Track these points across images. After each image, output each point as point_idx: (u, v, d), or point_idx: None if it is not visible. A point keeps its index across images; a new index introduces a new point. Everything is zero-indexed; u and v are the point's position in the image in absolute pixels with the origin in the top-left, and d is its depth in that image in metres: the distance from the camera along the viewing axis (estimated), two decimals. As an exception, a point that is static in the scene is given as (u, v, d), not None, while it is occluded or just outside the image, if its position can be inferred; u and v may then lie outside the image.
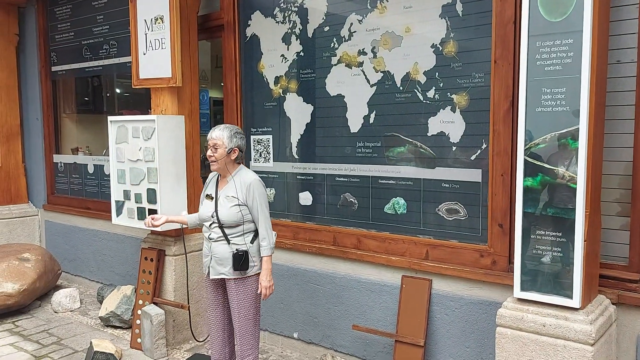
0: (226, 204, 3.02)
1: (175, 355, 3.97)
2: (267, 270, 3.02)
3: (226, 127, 3.08)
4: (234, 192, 3.03)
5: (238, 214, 3.00)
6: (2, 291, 4.63)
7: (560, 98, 2.39)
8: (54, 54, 5.92)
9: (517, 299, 2.53)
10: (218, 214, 3.02)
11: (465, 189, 3.21)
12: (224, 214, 3.01)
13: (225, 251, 3.01)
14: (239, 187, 3.03)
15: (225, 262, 3.01)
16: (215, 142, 3.03)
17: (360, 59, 3.59)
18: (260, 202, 3.02)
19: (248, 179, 3.04)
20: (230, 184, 3.06)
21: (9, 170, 5.99)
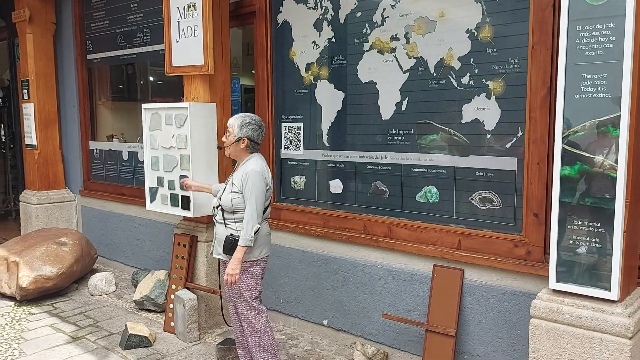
0: (228, 189, 3.16)
1: (207, 340, 4.03)
2: (236, 259, 3.03)
3: (240, 116, 3.16)
4: (236, 180, 3.14)
5: (235, 201, 3.10)
6: (41, 274, 4.77)
7: (601, 84, 2.30)
8: (90, 42, 6.02)
9: (552, 290, 2.47)
10: (220, 198, 3.19)
11: (499, 177, 3.14)
12: (224, 199, 3.16)
13: (222, 234, 3.17)
14: (240, 176, 3.12)
15: (221, 244, 3.16)
16: (228, 128, 3.17)
17: (393, 44, 3.53)
18: (251, 192, 3.04)
19: (248, 168, 3.10)
20: (239, 171, 3.16)
21: (47, 157, 6.15)
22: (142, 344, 3.88)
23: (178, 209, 4.11)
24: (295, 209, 4.15)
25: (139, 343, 3.88)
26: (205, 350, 3.84)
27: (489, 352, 3.16)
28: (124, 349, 3.84)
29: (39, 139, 6.04)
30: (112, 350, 3.85)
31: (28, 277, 4.70)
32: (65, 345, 3.95)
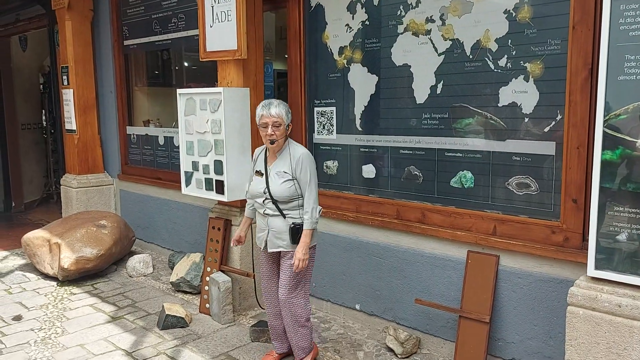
0: (277, 179, 3.07)
1: (241, 321, 4.10)
2: (304, 244, 3.06)
3: (280, 103, 3.10)
4: (285, 167, 3.07)
5: (291, 189, 3.05)
6: (81, 255, 4.92)
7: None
8: (126, 28, 6.10)
9: (590, 278, 2.41)
10: (270, 190, 3.08)
11: (537, 162, 3.07)
12: (276, 190, 3.06)
13: (282, 225, 3.09)
14: (289, 162, 3.07)
15: (284, 236, 3.10)
16: (276, 120, 3.04)
17: (428, 26, 3.47)
18: (310, 175, 3.07)
19: (298, 152, 3.08)
20: (281, 159, 3.10)
21: (86, 141, 6.30)
22: (178, 325, 3.97)
23: (212, 193, 4.17)
24: (328, 193, 4.15)
25: (176, 323, 3.97)
26: (239, 332, 3.90)
27: (523, 340, 3.12)
28: (161, 329, 3.94)
29: (78, 124, 6.19)
30: (150, 330, 3.95)
31: (69, 259, 4.86)
32: (105, 324, 4.07)
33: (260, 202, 3.14)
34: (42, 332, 3.93)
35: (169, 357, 3.54)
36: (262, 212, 3.16)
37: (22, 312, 4.33)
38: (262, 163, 3.19)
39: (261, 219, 3.20)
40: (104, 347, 3.69)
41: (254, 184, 3.20)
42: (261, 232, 3.21)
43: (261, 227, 3.21)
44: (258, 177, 3.19)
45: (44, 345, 3.73)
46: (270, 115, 3.04)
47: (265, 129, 3.06)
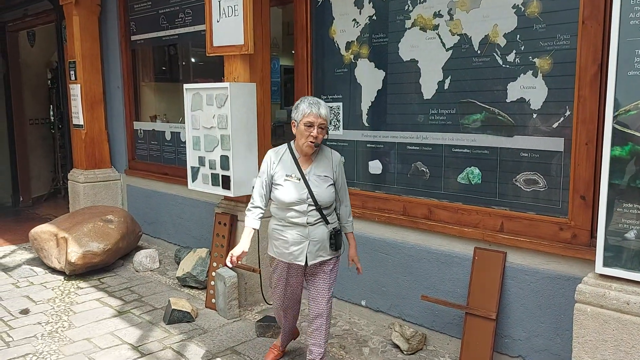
0: (321, 184, 2.83)
1: (247, 316, 4.10)
2: (356, 246, 3.09)
3: (323, 103, 2.85)
4: (327, 171, 2.87)
5: (333, 194, 2.89)
6: (88, 250, 4.94)
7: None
8: (133, 23, 6.11)
9: (598, 275, 2.39)
10: (315, 195, 2.81)
11: (545, 158, 3.05)
12: (322, 195, 2.83)
13: (324, 233, 2.87)
14: (330, 165, 2.89)
15: (325, 244, 2.88)
16: (323, 121, 2.78)
17: (436, 21, 3.45)
18: (344, 177, 2.98)
19: (336, 155, 2.94)
20: (319, 162, 2.87)
21: (94, 136, 6.31)
22: (184, 319, 3.98)
23: (219, 189, 4.17)
24: (335, 189, 4.13)
25: (182, 318, 3.98)
26: (245, 327, 3.91)
27: (530, 337, 3.10)
28: (168, 324, 3.95)
29: (85, 119, 6.21)
30: (156, 324, 3.96)
31: (76, 253, 4.88)
32: (111, 318, 4.09)
33: (301, 211, 2.82)
34: (49, 326, 3.95)
35: (174, 351, 3.55)
36: (302, 221, 2.83)
37: (30, 305, 4.36)
38: (292, 167, 2.87)
39: (296, 230, 2.85)
40: (111, 341, 3.70)
41: (287, 191, 2.83)
42: (296, 246, 2.86)
43: (296, 240, 2.85)
44: (292, 182, 2.83)
45: (51, 338, 3.75)
46: (320, 116, 2.77)
47: (309, 129, 2.76)
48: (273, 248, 2.98)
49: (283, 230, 2.89)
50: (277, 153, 2.95)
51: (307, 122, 2.77)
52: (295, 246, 2.86)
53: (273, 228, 2.96)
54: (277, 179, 2.88)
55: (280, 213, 2.89)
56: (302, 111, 2.79)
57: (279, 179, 2.87)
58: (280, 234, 2.90)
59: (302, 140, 2.81)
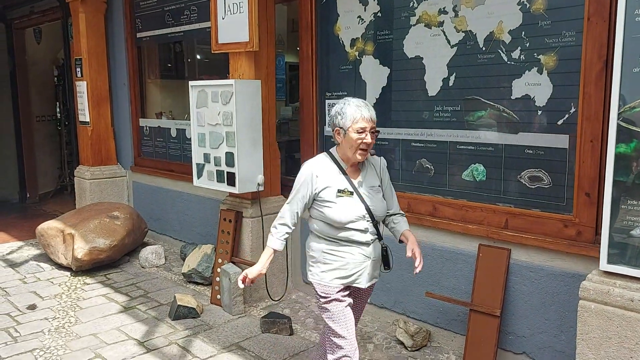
0: (374, 195, 2.55)
1: (252, 313, 4.12)
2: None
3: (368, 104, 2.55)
4: (376, 181, 2.61)
5: (385, 204, 2.62)
6: (94, 246, 4.97)
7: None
8: (139, 20, 6.13)
9: (602, 272, 2.39)
10: (372, 210, 2.51)
11: (550, 155, 3.04)
12: (378, 209, 2.55)
13: (379, 250, 2.58)
14: (376, 172, 2.63)
15: (379, 263, 2.61)
16: (373, 125, 2.48)
17: (441, 18, 3.44)
18: (390, 181, 2.71)
19: (377, 159, 2.68)
20: (366, 171, 2.59)
21: (100, 133, 6.34)
22: (190, 315, 4.00)
23: (224, 185, 4.18)
24: (339, 186, 4.14)
25: (187, 314, 4.00)
26: (250, 323, 3.93)
27: (534, 334, 3.10)
28: (173, 320, 3.97)
29: (91, 116, 6.23)
30: (162, 320, 3.99)
31: (83, 249, 4.91)
32: (117, 314, 4.12)
33: (362, 229, 2.49)
34: (56, 321, 3.98)
35: (180, 347, 3.57)
36: (363, 239, 2.50)
37: (37, 301, 4.39)
38: (342, 180, 2.51)
39: (357, 249, 2.51)
40: (117, 336, 3.73)
41: (342, 209, 2.46)
42: (358, 267, 2.51)
43: (357, 260, 2.51)
44: (346, 198, 2.48)
45: (57, 334, 3.78)
46: (371, 119, 2.46)
47: (361, 135, 2.43)
48: (324, 273, 2.53)
49: (338, 250, 2.51)
50: (320, 165, 2.55)
51: (360, 128, 2.43)
52: (357, 267, 2.51)
53: (323, 250, 2.53)
54: (325, 196, 2.48)
55: (332, 232, 2.50)
56: (351, 116, 2.43)
57: (328, 195, 2.48)
58: (335, 254, 2.51)
59: (352, 149, 2.46)
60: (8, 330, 3.84)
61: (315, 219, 2.57)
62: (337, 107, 2.52)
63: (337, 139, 2.53)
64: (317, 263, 2.56)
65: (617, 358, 2.30)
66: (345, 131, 2.46)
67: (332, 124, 2.53)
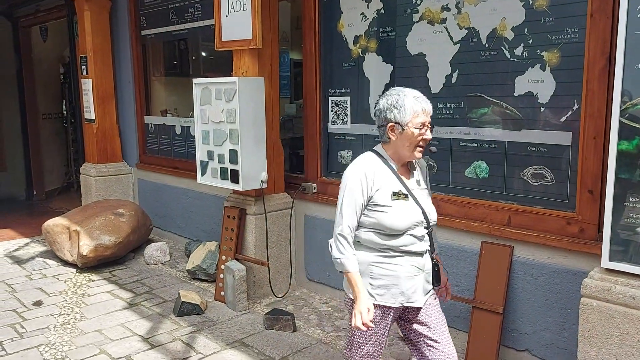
0: (426, 198, 2.32)
1: (255, 309, 4.14)
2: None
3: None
4: (424, 182, 2.38)
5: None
6: (100, 243, 5.00)
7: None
8: (143, 18, 6.14)
9: (604, 269, 2.39)
10: (428, 215, 2.27)
11: (553, 152, 3.03)
12: (433, 213, 2.30)
13: (430, 262, 2.30)
14: (422, 174, 2.39)
15: (430, 277, 2.32)
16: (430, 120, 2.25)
17: (444, 15, 3.43)
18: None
19: (424, 161, 2.47)
20: (416, 171, 2.35)
21: (105, 131, 6.37)
22: (194, 312, 4.02)
23: (227, 182, 4.20)
24: (342, 183, 4.15)
25: (191, 310, 4.02)
26: (253, 319, 3.94)
27: (537, 331, 3.10)
28: (177, 316, 3.99)
29: (97, 113, 6.27)
30: (166, 316, 4.01)
31: (88, 246, 4.94)
32: (122, 310, 4.14)
33: (419, 236, 2.23)
34: (62, 318, 4.02)
35: (184, 343, 3.59)
36: (420, 249, 2.24)
37: (43, 297, 4.43)
38: (395, 181, 2.24)
39: (410, 260, 2.23)
40: (121, 332, 3.76)
41: (399, 213, 2.19)
42: (410, 281, 2.23)
43: (410, 273, 2.23)
44: (401, 202, 2.21)
45: (63, 330, 3.81)
46: (430, 112, 2.23)
47: (421, 131, 2.19)
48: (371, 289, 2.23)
49: (388, 263, 2.21)
50: (371, 165, 2.24)
51: (420, 123, 2.18)
52: (409, 281, 2.23)
53: (371, 262, 2.23)
54: (380, 199, 2.20)
55: (385, 241, 2.21)
56: (411, 110, 2.17)
57: (382, 198, 2.20)
58: (384, 268, 2.21)
59: (410, 147, 2.21)
60: (14, 326, 3.88)
61: (364, 227, 2.24)
62: (390, 99, 2.22)
63: (389, 136, 2.23)
64: (363, 277, 2.22)
65: (619, 355, 2.30)
66: (403, 127, 2.18)
67: (384, 119, 2.23)
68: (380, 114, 2.26)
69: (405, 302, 2.25)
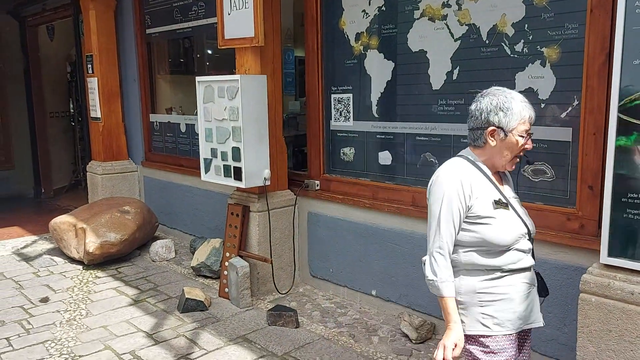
0: (521, 208, 2.09)
1: (259, 305, 4.17)
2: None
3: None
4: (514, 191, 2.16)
5: None
6: (105, 240, 5.05)
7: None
8: (148, 16, 6.18)
9: (603, 265, 2.39)
10: (528, 225, 2.04)
11: (553, 148, 3.03)
12: (532, 225, 2.08)
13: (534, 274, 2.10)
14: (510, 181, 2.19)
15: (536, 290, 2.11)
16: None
17: (445, 11, 3.44)
18: None
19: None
20: (507, 179, 2.16)
21: (111, 129, 6.42)
22: (198, 308, 4.06)
23: (231, 180, 4.22)
24: (345, 180, 4.17)
25: (195, 307, 4.06)
26: (256, 316, 3.97)
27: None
28: (181, 312, 4.03)
29: (102, 112, 6.31)
30: (171, 313, 4.05)
31: (94, 243, 4.99)
32: (127, 307, 4.19)
33: (526, 249, 2.01)
34: (68, 314, 4.07)
35: (187, 339, 3.63)
36: (527, 265, 2.02)
37: (49, 294, 4.48)
38: (493, 190, 1.99)
39: (520, 278, 2.00)
40: (126, 328, 3.80)
41: (505, 225, 1.94)
42: (525, 301, 2.00)
43: (524, 292, 2.00)
44: (503, 212, 1.96)
45: (68, 326, 3.86)
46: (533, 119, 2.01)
47: (524, 140, 1.97)
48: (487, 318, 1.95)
49: (498, 286, 1.95)
50: (465, 172, 1.99)
51: (525, 131, 1.96)
52: (525, 301, 2.00)
53: (477, 289, 1.96)
54: (480, 210, 1.94)
55: (488, 261, 1.94)
56: (519, 115, 1.93)
57: (483, 208, 1.94)
58: (494, 292, 1.95)
59: (508, 156, 1.98)
60: (21, 322, 3.93)
61: (463, 247, 1.96)
62: (495, 100, 1.96)
63: (488, 140, 1.98)
64: (472, 308, 1.95)
65: (618, 351, 2.30)
66: (506, 133, 1.94)
67: (485, 121, 1.97)
68: (480, 115, 1.98)
69: (524, 325, 2.01)
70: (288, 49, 6.78)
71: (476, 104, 2.03)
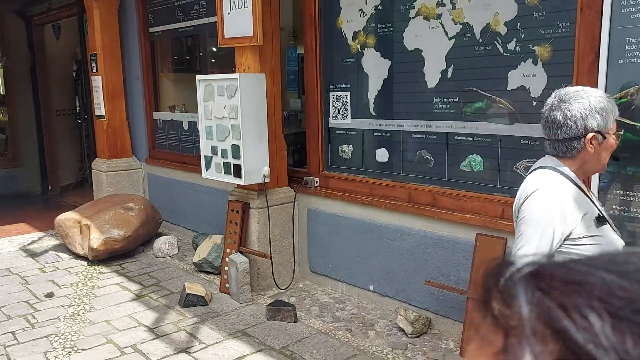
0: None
1: (259, 301, 4.24)
2: None
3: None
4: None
5: None
6: (109, 236, 5.14)
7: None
8: (151, 15, 6.25)
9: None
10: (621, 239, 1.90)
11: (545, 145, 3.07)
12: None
13: None
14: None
15: None
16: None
17: (439, 10, 3.48)
18: None
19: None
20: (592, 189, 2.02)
21: (115, 127, 6.51)
22: (198, 303, 4.14)
23: (230, 177, 4.29)
24: (343, 177, 4.23)
25: (196, 302, 4.14)
26: (256, 311, 4.05)
27: (530, 321, 3.15)
28: (183, 307, 4.11)
29: (107, 110, 6.40)
30: (172, 308, 4.13)
31: (98, 239, 5.08)
32: (130, 302, 4.27)
33: None
34: (72, 309, 4.16)
35: (188, 333, 3.70)
36: None
37: (54, 289, 4.58)
38: (589, 204, 1.85)
39: None
40: (128, 323, 3.88)
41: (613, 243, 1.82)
42: None
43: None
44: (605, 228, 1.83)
45: (72, 320, 3.95)
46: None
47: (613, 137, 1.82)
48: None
49: None
50: (564, 192, 1.81)
51: (613, 128, 1.81)
52: None
53: None
54: (583, 230, 1.77)
55: None
56: (612, 113, 1.80)
57: (587, 227, 1.77)
58: None
59: (603, 160, 1.84)
60: (26, 316, 4.02)
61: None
62: (586, 103, 1.76)
63: (587, 148, 1.79)
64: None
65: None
66: (605, 135, 1.78)
67: (583, 128, 1.77)
68: (576, 123, 1.77)
69: None
70: (291, 46, 6.84)
71: (563, 112, 1.79)
